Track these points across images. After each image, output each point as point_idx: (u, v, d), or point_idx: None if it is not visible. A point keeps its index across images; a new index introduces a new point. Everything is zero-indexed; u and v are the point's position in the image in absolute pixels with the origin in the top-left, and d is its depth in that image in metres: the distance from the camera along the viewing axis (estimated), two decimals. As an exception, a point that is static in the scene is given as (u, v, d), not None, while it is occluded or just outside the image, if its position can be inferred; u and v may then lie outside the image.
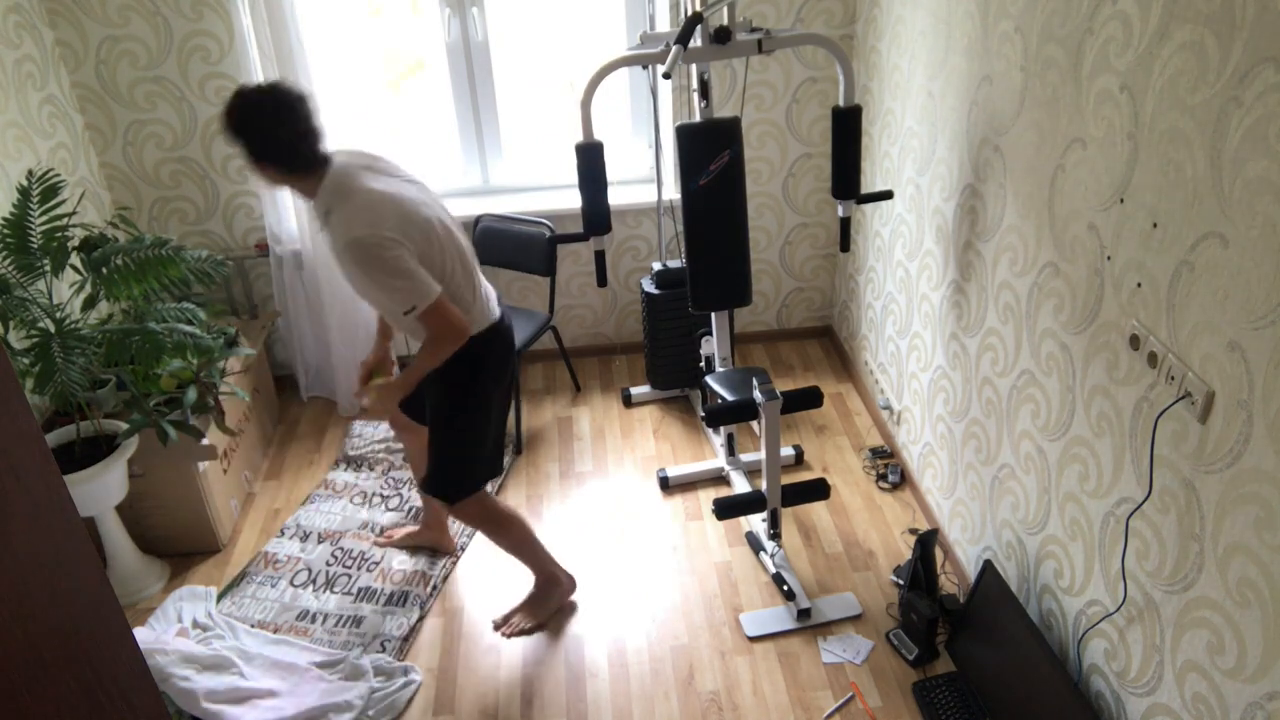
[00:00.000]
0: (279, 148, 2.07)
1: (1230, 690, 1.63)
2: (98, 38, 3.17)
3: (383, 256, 2.06)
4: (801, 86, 3.48)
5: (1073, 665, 2.18)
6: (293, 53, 3.09)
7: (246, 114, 2.04)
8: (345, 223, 2.07)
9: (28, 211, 2.56)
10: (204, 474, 2.91)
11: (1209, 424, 1.62)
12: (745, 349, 4.00)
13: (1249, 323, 1.50)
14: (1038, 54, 2.10)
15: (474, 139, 3.61)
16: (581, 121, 2.61)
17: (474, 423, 2.43)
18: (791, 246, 3.83)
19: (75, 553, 1.25)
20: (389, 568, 2.91)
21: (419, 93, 3.67)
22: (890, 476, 3.19)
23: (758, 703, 2.45)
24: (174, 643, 2.52)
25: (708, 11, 2.52)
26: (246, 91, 2.05)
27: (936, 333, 2.86)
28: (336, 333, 3.52)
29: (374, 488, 3.27)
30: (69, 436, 2.67)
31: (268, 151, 2.07)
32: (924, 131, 2.84)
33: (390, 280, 2.08)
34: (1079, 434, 2.07)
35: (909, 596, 2.52)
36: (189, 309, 2.74)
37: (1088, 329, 1.99)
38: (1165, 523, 1.78)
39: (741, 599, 2.76)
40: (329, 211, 2.12)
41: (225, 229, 3.56)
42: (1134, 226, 1.79)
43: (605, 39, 3.56)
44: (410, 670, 2.56)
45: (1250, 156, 1.46)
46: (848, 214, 2.91)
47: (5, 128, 2.83)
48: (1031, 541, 2.34)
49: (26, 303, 2.52)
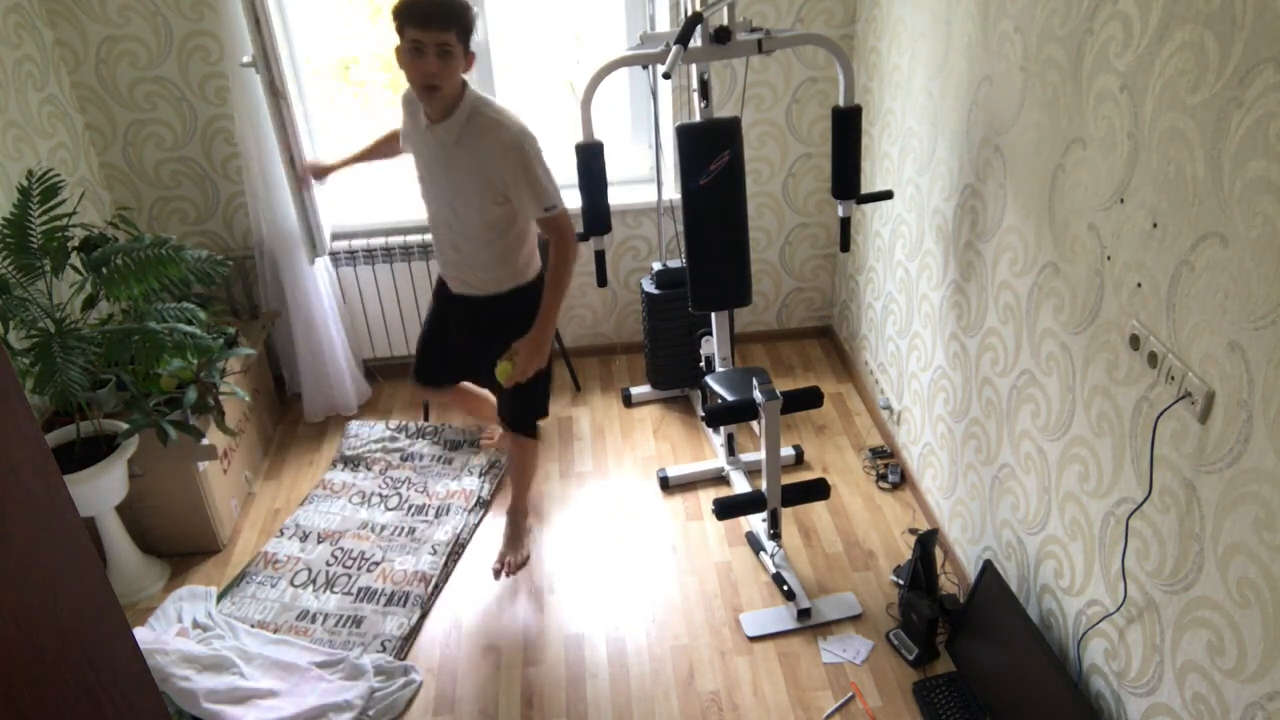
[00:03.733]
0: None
1: (1230, 690, 1.63)
2: (98, 38, 3.17)
3: (540, 152, 2.33)
4: (801, 86, 3.48)
5: (1073, 665, 2.18)
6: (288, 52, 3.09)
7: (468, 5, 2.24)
8: (504, 123, 2.29)
9: (28, 211, 2.56)
10: (204, 474, 2.91)
11: (1209, 424, 1.62)
12: (745, 349, 4.00)
13: (1249, 323, 1.50)
14: (1038, 54, 2.10)
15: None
16: (581, 121, 2.61)
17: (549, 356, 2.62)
18: (791, 246, 3.83)
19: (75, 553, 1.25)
20: (389, 568, 2.91)
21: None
22: (890, 476, 3.18)
23: (758, 703, 2.45)
24: (174, 643, 2.52)
25: (708, 11, 2.52)
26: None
27: (936, 333, 2.86)
28: (301, 338, 3.51)
29: (372, 487, 3.27)
30: (69, 436, 2.67)
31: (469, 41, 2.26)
32: (924, 131, 2.84)
33: (546, 174, 2.33)
34: (1079, 434, 2.07)
35: (909, 596, 2.52)
36: (189, 309, 2.74)
37: (1088, 329, 1.99)
38: (1165, 523, 1.78)
39: (741, 599, 2.76)
40: (473, 116, 2.30)
41: (225, 229, 3.56)
42: (1134, 226, 1.79)
43: (605, 39, 3.56)
44: (410, 670, 2.56)
45: (1250, 156, 1.46)
46: (848, 214, 2.91)
47: (5, 128, 2.83)
48: (1031, 541, 2.34)
49: (26, 303, 2.52)
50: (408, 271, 3.61)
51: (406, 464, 3.39)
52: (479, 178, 2.33)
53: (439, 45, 2.17)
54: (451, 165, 2.35)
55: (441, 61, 2.18)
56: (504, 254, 2.51)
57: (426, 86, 2.22)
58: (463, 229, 2.45)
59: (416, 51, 2.17)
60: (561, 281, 2.43)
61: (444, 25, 2.15)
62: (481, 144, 2.29)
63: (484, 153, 2.29)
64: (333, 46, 3.49)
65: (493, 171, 2.31)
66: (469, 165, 2.33)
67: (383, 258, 3.58)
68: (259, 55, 2.79)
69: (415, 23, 2.15)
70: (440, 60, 2.18)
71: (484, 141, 2.28)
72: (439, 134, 2.33)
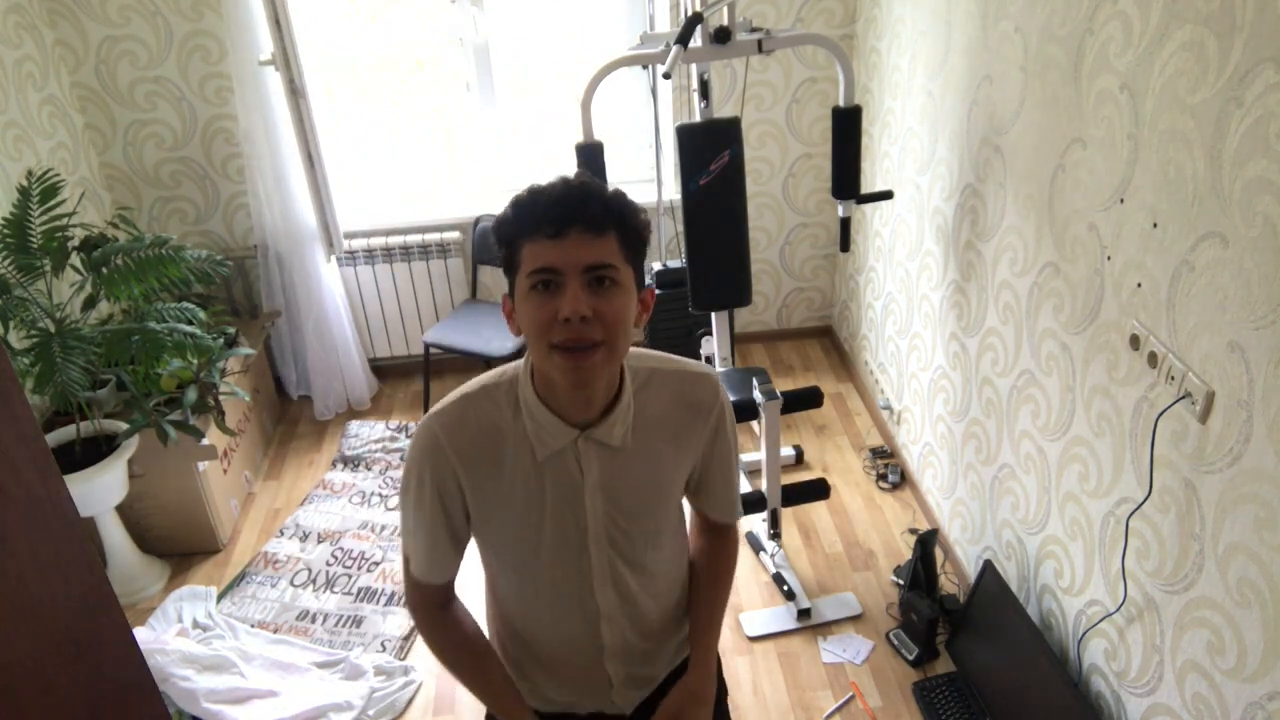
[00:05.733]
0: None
1: (1230, 690, 1.63)
2: (98, 38, 3.17)
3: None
4: (801, 86, 3.48)
5: (1073, 665, 2.18)
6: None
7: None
8: (696, 374, 1.32)
9: (28, 211, 2.56)
10: (204, 474, 2.91)
11: (1209, 424, 1.62)
12: (745, 349, 4.00)
13: (1249, 323, 1.50)
14: (1038, 54, 2.10)
15: (474, 139, 3.61)
16: (581, 121, 2.61)
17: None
18: (791, 246, 3.83)
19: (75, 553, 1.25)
20: (389, 568, 2.90)
21: (418, 94, 3.66)
22: (890, 476, 3.18)
23: (758, 703, 2.45)
24: (174, 643, 2.52)
25: (708, 11, 2.52)
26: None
27: (936, 332, 2.86)
28: (313, 335, 3.53)
29: (372, 487, 3.27)
30: (69, 436, 2.67)
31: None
32: (924, 131, 2.84)
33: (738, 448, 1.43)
34: (1079, 434, 2.07)
35: (909, 596, 2.52)
36: (189, 309, 2.74)
37: (1088, 329, 1.99)
38: (1165, 523, 1.77)
39: (741, 599, 2.76)
40: (652, 375, 1.28)
41: (225, 229, 3.56)
42: (1134, 226, 1.79)
43: (605, 39, 3.56)
44: (410, 670, 2.56)
45: (1250, 156, 1.46)
46: (848, 214, 2.91)
47: (5, 128, 2.83)
48: (1031, 541, 2.34)
49: (26, 303, 2.52)
50: (408, 272, 3.62)
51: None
52: (671, 484, 1.34)
53: (591, 268, 1.11)
54: (620, 488, 1.27)
55: (599, 297, 1.12)
56: (683, 593, 1.50)
57: (575, 349, 1.11)
58: (646, 580, 1.37)
59: (546, 287, 1.12)
60: (726, 593, 1.50)
61: (597, 229, 1.11)
62: (669, 420, 1.29)
63: (677, 432, 1.30)
64: (332, 47, 3.49)
65: (698, 456, 1.35)
66: (652, 472, 1.29)
67: (383, 258, 3.58)
68: (279, 54, 2.80)
69: (543, 234, 1.11)
70: (597, 295, 1.12)
71: (674, 415, 1.29)
72: (598, 443, 1.24)
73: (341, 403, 3.69)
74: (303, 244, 3.35)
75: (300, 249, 3.36)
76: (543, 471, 1.23)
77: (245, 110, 3.16)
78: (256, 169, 3.26)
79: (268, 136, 3.16)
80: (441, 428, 1.22)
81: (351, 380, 3.65)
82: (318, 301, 3.45)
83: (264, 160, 3.23)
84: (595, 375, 1.14)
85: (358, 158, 3.66)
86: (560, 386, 1.17)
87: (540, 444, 1.21)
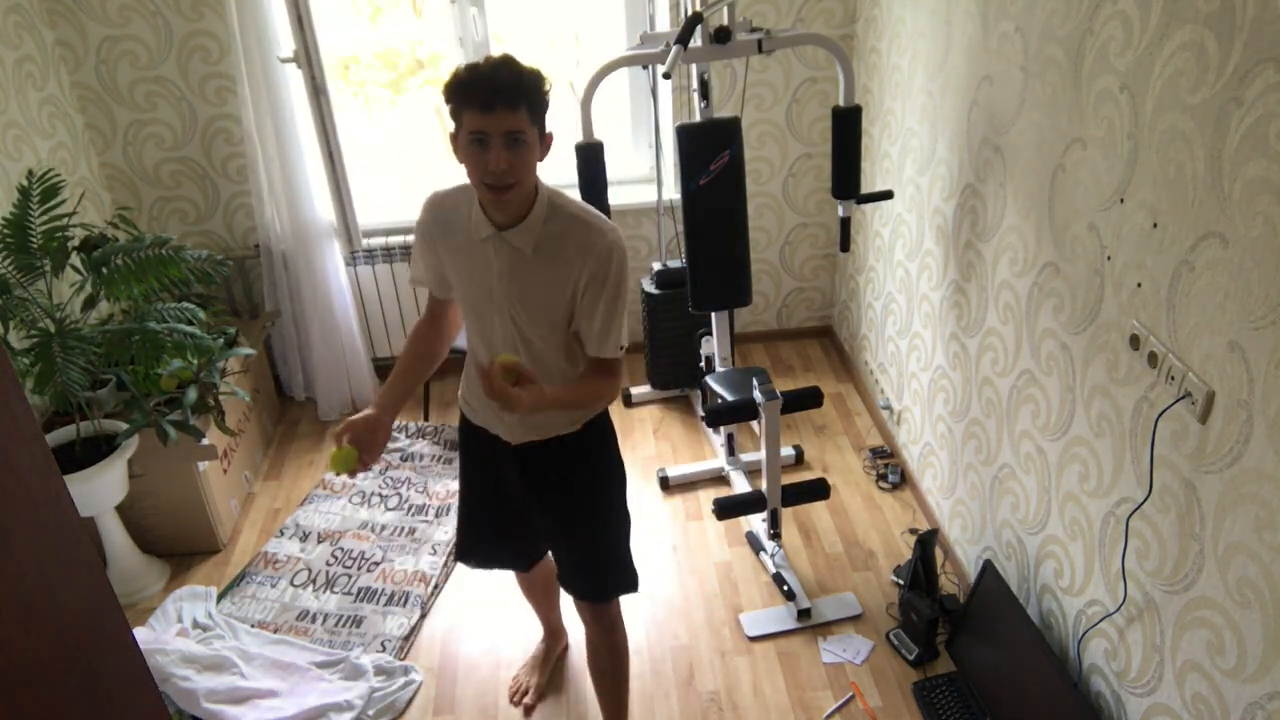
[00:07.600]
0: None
1: (1230, 690, 1.63)
2: (98, 38, 3.17)
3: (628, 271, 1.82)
4: (801, 86, 3.48)
5: (1073, 665, 2.18)
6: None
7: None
8: (596, 225, 1.77)
9: (28, 211, 2.56)
10: (204, 474, 2.91)
11: (1209, 424, 1.62)
12: (745, 349, 4.00)
13: (1249, 323, 1.50)
14: (1038, 54, 2.10)
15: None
16: (581, 121, 2.61)
17: (626, 499, 2.16)
18: (791, 246, 3.83)
19: (75, 553, 1.25)
20: (389, 568, 2.91)
21: (418, 94, 3.67)
22: (890, 476, 3.18)
23: (758, 703, 2.45)
24: (174, 643, 2.52)
25: (708, 11, 2.52)
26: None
27: (936, 333, 2.86)
28: (319, 335, 3.53)
29: (372, 487, 3.27)
30: (69, 436, 2.67)
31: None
32: (924, 131, 2.84)
33: (625, 302, 1.83)
34: (1079, 434, 2.07)
35: (909, 596, 2.52)
36: (189, 309, 2.74)
37: (1088, 329, 1.99)
38: (1165, 523, 1.77)
39: (741, 599, 2.76)
40: (551, 216, 1.78)
41: (225, 229, 3.56)
42: (1134, 226, 1.79)
43: (605, 39, 3.56)
44: (410, 670, 2.56)
45: (1250, 156, 1.46)
46: (848, 214, 2.91)
47: (5, 128, 2.83)
48: (1031, 541, 2.34)
49: (26, 303, 2.52)
50: (408, 272, 3.62)
51: (406, 464, 3.39)
52: (560, 293, 1.80)
53: (508, 134, 1.63)
54: (524, 281, 1.80)
55: (513, 153, 1.64)
56: (563, 381, 1.96)
57: (495, 187, 1.68)
58: (533, 361, 1.88)
59: (479, 144, 1.64)
60: (584, 403, 1.94)
61: (512, 106, 1.62)
62: (565, 251, 1.77)
63: (568, 261, 1.77)
64: (333, 46, 3.49)
65: (578, 284, 1.80)
66: (548, 279, 1.79)
67: (383, 258, 3.58)
68: (300, 52, 2.80)
69: (476, 107, 1.62)
70: (511, 152, 1.64)
71: (569, 247, 1.77)
72: (509, 243, 1.77)
73: (346, 403, 3.69)
74: (310, 243, 3.34)
75: (308, 248, 3.36)
76: (475, 249, 1.82)
77: (251, 108, 3.15)
78: (261, 169, 3.26)
79: (278, 135, 3.15)
80: (431, 202, 1.90)
81: (357, 380, 3.65)
82: (325, 301, 3.45)
83: (271, 160, 3.22)
84: (509, 201, 1.72)
85: (358, 157, 3.66)
86: (486, 204, 1.77)
87: (475, 230, 1.81)
